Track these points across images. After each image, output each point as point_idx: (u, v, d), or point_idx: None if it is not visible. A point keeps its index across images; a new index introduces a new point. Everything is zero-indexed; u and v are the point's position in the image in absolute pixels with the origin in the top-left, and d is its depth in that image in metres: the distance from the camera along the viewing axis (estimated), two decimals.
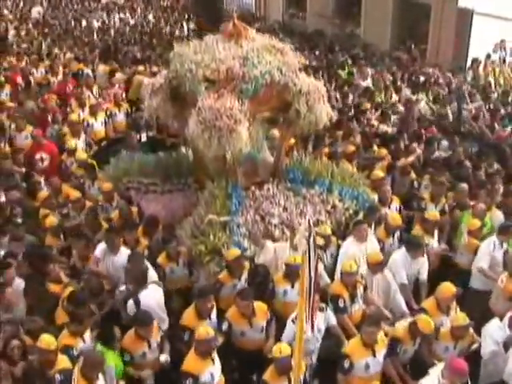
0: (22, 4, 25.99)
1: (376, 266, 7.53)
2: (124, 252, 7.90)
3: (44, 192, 9.37)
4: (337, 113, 11.76)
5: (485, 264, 8.11)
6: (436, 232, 8.68)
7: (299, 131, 8.83)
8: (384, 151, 10.77)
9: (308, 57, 16.19)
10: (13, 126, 11.88)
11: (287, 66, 8.23)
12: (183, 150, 10.08)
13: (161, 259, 7.93)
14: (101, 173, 9.85)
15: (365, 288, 7.47)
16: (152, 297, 7.07)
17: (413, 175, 10.16)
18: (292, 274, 7.19)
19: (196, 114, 7.76)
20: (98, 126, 12.37)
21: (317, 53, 18.11)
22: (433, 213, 8.62)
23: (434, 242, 8.56)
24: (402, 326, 6.88)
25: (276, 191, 8.59)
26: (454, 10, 18.21)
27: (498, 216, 9.00)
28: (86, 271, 7.92)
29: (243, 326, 6.91)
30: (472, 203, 9.07)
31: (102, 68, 15.46)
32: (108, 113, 12.64)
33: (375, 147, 11.26)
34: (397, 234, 8.58)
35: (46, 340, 6.06)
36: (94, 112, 12.46)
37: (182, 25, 23.39)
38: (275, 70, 8.08)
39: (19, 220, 8.72)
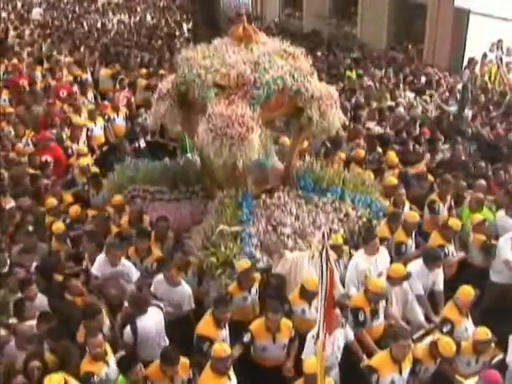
0: (20, 5, 25.13)
1: (398, 280, 7.07)
2: (122, 264, 7.41)
3: (52, 200, 8.84)
4: None
5: (510, 256, 7.77)
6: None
7: (311, 137, 8.32)
8: (395, 159, 10.27)
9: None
10: (13, 132, 11.40)
11: (299, 70, 7.69)
12: (189, 155, 9.55)
13: None
14: (105, 180, 9.28)
15: (386, 301, 7.01)
16: (150, 323, 6.55)
17: (431, 178, 9.72)
18: (308, 295, 6.78)
19: (206, 121, 7.24)
20: (98, 130, 11.83)
21: (318, 54, 17.54)
22: (455, 221, 8.15)
23: (452, 249, 8.12)
24: (421, 347, 6.45)
25: (287, 199, 8.10)
26: (451, 9, 17.85)
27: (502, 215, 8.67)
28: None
29: (266, 340, 6.46)
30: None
31: (105, 72, 14.79)
32: (106, 117, 12.07)
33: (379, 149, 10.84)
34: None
35: (54, 381, 5.44)
36: (92, 117, 11.93)
37: (180, 25, 22.68)
38: (287, 75, 7.55)
39: (30, 228, 8.27)
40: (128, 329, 6.46)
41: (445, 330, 6.73)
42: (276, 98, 7.59)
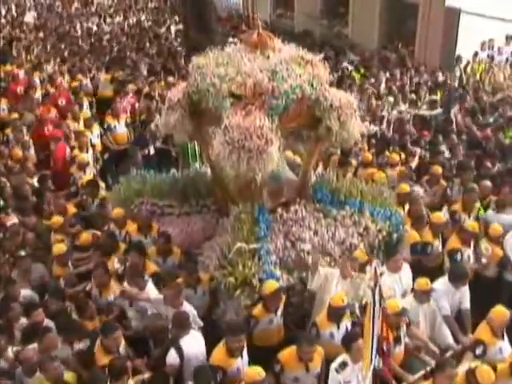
0: (14, 9, 23.92)
1: (424, 295, 6.54)
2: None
3: (57, 218, 8.06)
4: None
5: None
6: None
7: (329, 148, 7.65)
8: (396, 157, 9.93)
9: None
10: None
11: (317, 78, 6.99)
12: (197, 166, 8.82)
13: None
14: (110, 193, 8.52)
15: (407, 324, 6.40)
16: (194, 344, 5.93)
17: (443, 183, 9.18)
18: (336, 314, 6.18)
19: (222, 133, 6.52)
20: (94, 138, 11.12)
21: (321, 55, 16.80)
22: (472, 224, 7.69)
23: (470, 253, 7.67)
24: (458, 374, 5.79)
25: (305, 213, 7.41)
26: (442, 9, 17.23)
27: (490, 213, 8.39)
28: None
29: (298, 370, 5.87)
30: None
31: (105, 78, 13.82)
32: (106, 125, 11.32)
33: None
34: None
35: None
36: (89, 125, 11.21)
37: (169, 26, 21.73)
38: (306, 84, 6.84)
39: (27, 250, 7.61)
40: (173, 351, 5.82)
41: (477, 352, 6.23)
42: (294, 107, 6.90)
